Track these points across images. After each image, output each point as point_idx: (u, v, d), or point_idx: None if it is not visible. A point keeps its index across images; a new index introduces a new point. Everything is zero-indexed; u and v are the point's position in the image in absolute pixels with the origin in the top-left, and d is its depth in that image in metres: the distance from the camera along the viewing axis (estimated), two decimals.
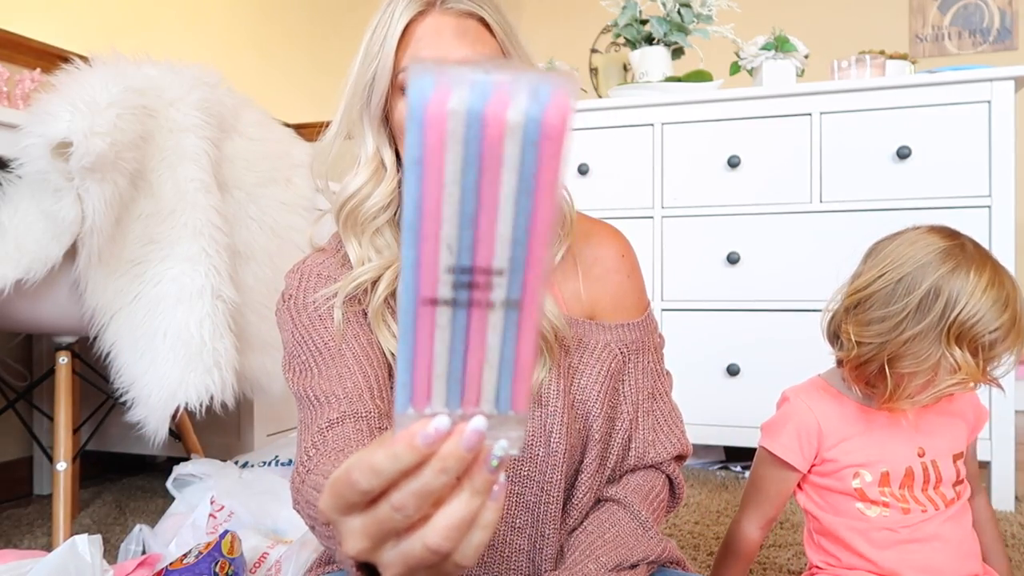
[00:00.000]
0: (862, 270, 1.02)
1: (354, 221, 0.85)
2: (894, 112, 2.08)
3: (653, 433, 0.94)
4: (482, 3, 0.81)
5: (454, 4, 0.80)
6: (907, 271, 0.96)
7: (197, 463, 1.78)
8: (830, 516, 1.05)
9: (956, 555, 1.02)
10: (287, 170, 1.95)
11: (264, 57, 4.14)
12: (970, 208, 2.01)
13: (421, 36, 0.79)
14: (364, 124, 0.84)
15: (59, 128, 1.39)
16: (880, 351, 0.96)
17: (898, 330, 0.95)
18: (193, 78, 1.66)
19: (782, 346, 2.14)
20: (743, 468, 2.34)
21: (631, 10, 2.45)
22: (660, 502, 0.95)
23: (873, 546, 1.01)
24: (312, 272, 0.88)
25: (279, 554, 1.42)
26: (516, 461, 0.89)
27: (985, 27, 3.59)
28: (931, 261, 0.95)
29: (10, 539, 1.80)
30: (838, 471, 1.03)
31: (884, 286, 0.97)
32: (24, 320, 1.64)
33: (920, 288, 0.94)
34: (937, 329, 0.93)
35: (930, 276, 0.94)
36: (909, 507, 1.01)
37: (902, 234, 1.02)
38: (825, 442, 1.04)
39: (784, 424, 1.06)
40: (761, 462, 1.09)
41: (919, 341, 0.94)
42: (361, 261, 0.84)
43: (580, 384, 0.91)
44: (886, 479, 1.01)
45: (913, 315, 0.94)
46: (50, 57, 2.13)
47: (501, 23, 0.82)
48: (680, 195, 2.24)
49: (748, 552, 1.10)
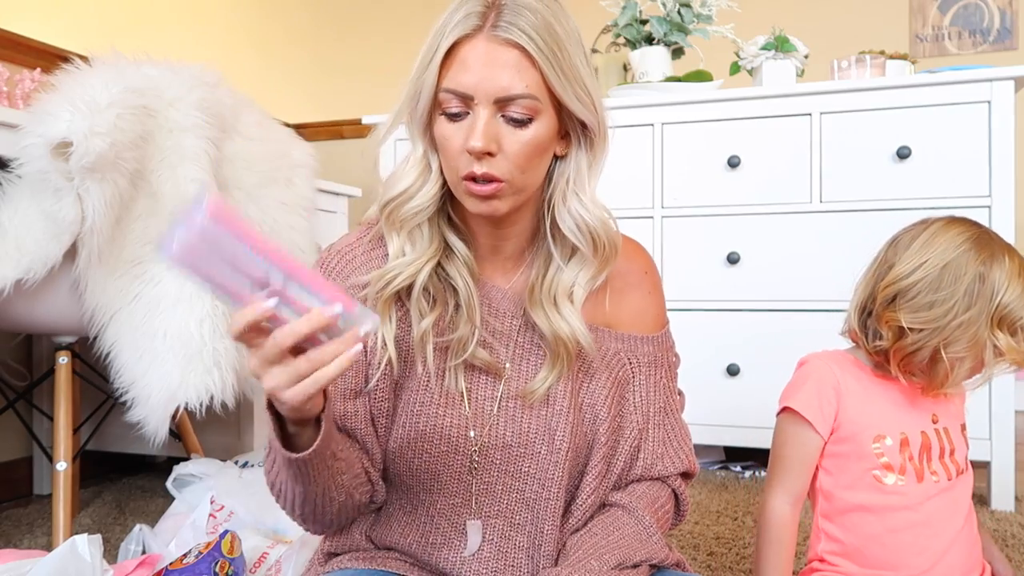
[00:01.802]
0: (893, 261, 1.04)
1: (397, 218, 0.88)
2: (894, 112, 2.08)
3: (663, 447, 0.95)
4: (532, 32, 0.80)
5: (501, 32, 0.80)
6: (950, 258, 0.99)
7: (197, 463, 1.78)
8: (845, 492, 1.04)
9: (964, 545, 1.03)
10: (287, 170, 1.95)
11: (265, 57, 4.14)
12: (970, 208, 2.00)
13: (464, 58, 0.81)
14: (413, 129, 0.87)
15: (59, 128, 1.39)
16: (932, 337, 0.99)
17: (951, 315, 0.98)
18: (193, 78, 1.66)
19: (782, 346, 2.14)
20: (743, 468, 2.34)
21: (631, 10, 2.45)
22: (665, 513, 0.96)
23: (886, 527, 1.01)
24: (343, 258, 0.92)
25: (279, 554, 1.42)
26: (518, 457, 0.90)
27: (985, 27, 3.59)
28: (969, 247, 0.99)
29: (10, 539, 1.80)
30: (858, 433, 1.04)
31: (928, 273, 1.00)
32: (24, 320, 1.64)
33: (967, 274, 0.98)
34: (985, 314, 0.97)
35: (973, 262, 0.98)
36: (923, 475, 1.03)
37: (928, 225, 1.04)
38: (844, 400, 1.05)
39: (804, 382, 1.07)
40: (781, 428, 1.08)
41: (971, 325, 0.97)
42: (397, 254, 0.88)
43: (589, 388, 0.93)
44: (906, 443, 1.03)
45: (962, 299, 0.98)
46: (50, 57, 2.13)
47: (551, 55, 0.80)
48: (680, 195, 2.24)
49: (783, 533, 1.06)
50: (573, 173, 0.89)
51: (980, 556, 1.07)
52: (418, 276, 0.87)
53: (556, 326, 0.88)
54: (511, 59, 0.80)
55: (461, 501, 0.91)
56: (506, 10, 0.80)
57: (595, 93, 0.87)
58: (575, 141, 0.88)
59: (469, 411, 0.90)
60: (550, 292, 0.89)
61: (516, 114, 0.81)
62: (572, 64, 0.83)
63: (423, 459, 0.90)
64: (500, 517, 0.91)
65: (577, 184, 0.89)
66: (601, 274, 0.91)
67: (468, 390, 0.91)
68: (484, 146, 0.80)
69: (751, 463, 2.36)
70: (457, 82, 0.80)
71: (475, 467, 0.90)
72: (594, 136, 0.88)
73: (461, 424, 0.90)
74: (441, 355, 0.89)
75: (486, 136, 0.80)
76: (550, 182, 0.90)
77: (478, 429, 0.90)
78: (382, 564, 0.93)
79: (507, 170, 0.82)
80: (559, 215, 0.89)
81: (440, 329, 0.89)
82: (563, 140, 0.88)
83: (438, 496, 0.91)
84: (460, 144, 0.81)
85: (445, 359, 0.89)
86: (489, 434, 0.90)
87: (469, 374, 0.91)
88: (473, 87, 0.80)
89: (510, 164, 0.82)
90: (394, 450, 0.91)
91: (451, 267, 0.90)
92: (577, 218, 0.88)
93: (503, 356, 0.91)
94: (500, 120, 0.81)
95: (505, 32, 0.80)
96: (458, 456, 0.90)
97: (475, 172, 0.81)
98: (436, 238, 0.89)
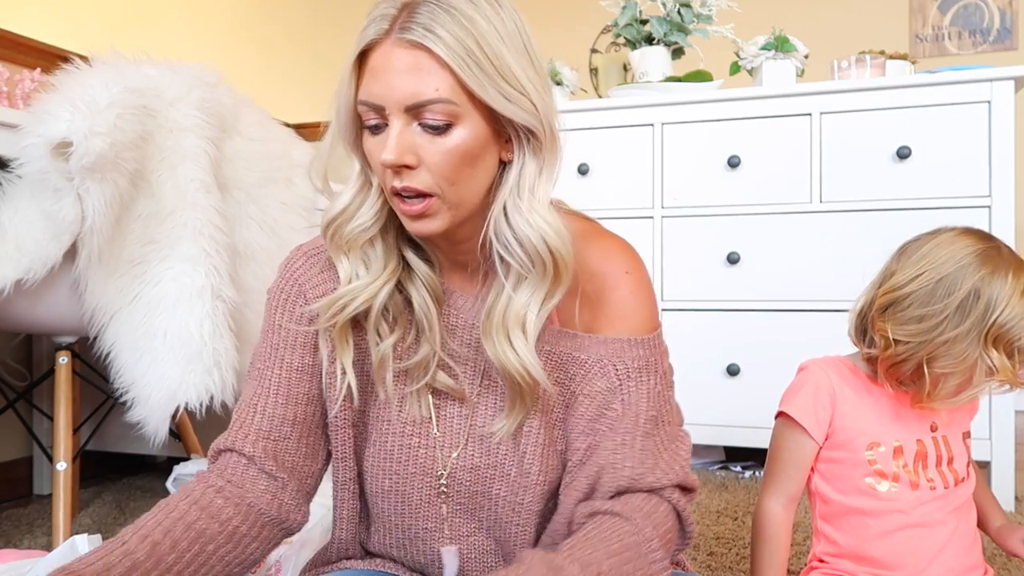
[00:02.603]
0: (895, 269, 1.03)
1: (341, 239, 0.82)
2: (894, 112, 2.08)
3: (653, 458, 0.82)
4: (438, 32, 0.72)
5: (406, 34, 0.72)
6: (946, 272, 0.97)
7: (197, 463, 1.78)
8: (840, 496, 1.05)
9: (961, 543, 1.04)
10: (287, 170, 1.95)
11: (265, 56, 4.14)
12: (970, 208, 2.01)
13: (373, 67, 0.74)
14: (345, 145, 0.81)
15: (59, 128, 1.39)
16: (918, 350, 0.97)
17: (937, 330, 0.96)
18: (193, 78, 1.66)
19: (782, 346, 2.14)
20: (743, 468, 2.34)
21: (631, 10, 2.45)
22: (667, 531, 0.81)
23: (881, 529, 1.02)
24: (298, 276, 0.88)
25: (279, 554, 1.42)
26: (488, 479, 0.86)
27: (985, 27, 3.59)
28: (970, 263, 0.97)
29: (10, 539, 1.80)
30: (851, 441, 1.04)
31: (922, 286, 0.98)
32: (24, 320, 1.64)
33: (961, 289, 0.96)
34: (976, 331, 0.95)
35: (970, 278, 0.96)
36: (919, 482, 1.02)
37: (936, 235, 1.02)
38: (839, 407, 1.05)
39: (800, 388, 1.07)
40: (778, 431, 1.09)
41: (959, 342, 0.95)
42: (349, 278, 0.83)
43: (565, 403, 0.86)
44: (899, 452, 1.03)
45: (953, 316, 0.95)
46: (50, 57, 2.13)
47: (461, 54, 0.72)
48: (680, 195, 2.24)
49: (777, 532, 1.06)
50: (515, 181, 0.79)
51: (980, 557, 1.07)
52: (375, 299, 0.82)
53: (504, 359, 0.79)
54: (420, 62, 0.72)
55: (434, 525, 0.89)
56: (417, 9, 0.73)
57: (535, 92, 0.77)
58: (519, 146, 0.79)
59: (438, 432, 0.88)
60: (503, 321, 0.80)
61: (432, 121, 0.73)
62: (500, 62, 0.74)
63: (393, 480, 0.88)
64: (475, 537, 0.90)
65: (525, 191, 0.78)
66: (555, 295, 0.81)
67: (437, 410, 0.88)
68: (396, 159, 0.73)
69: (751, 463, 2.36)
70: (368, 93, 0.75)
71: (444, 490, 0.88)
72: (541, 139, 0.78)
73: (429, 445, 0.87)
74: (403, 379, 0.86)
75: (399, 148, 0.73)
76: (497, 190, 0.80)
77: (446, 450, 0.87)
78: (381, 565, 0.93)
79: (432, 183, 0.75)
80: (497, 232, 0.79)
81: (400, 352, 0.86)
82: (507, 145, 0.79)
83: (412, 520, 0.89)
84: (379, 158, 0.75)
85: (406, 383, 0.86)
86: (458, 456, 0.87)
87: (437, 396, 0.88)
88: (382, 96, 0.74)
89: (435, 176, 0.75)
90: (367, 471, 0.90)
91: (411, 286, 0.85)
92: (519, 234, 0.78)
93: (464, 381, 0.87)
94: (417, 129, 0.74)
95: (409, 34, 0.72)
96: (427, 478, 0.88)
97: (396, 187, 0.75)
98: (393, 257, 0.84)
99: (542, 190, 0.79)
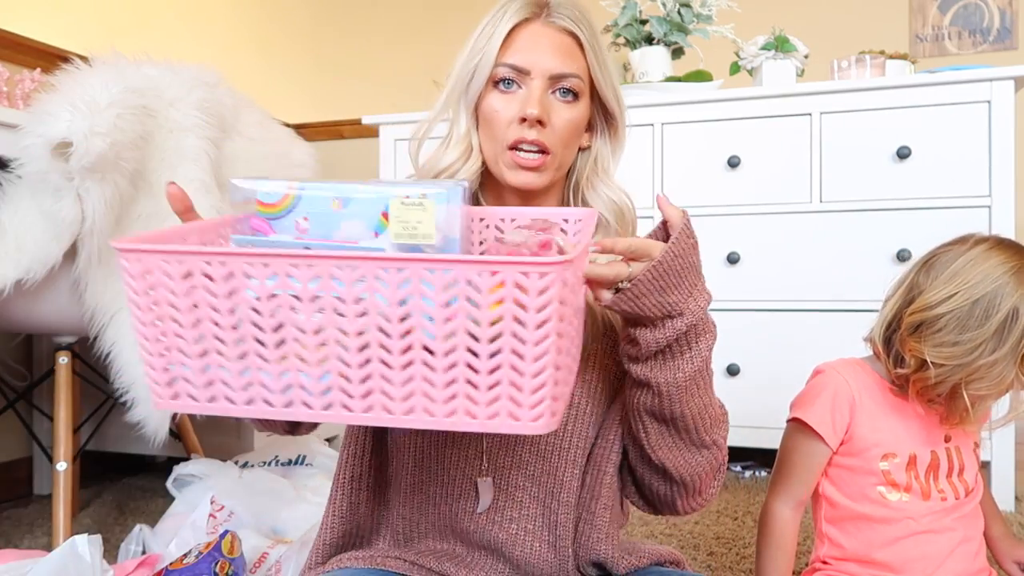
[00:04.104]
0: (924, 286, 0.99)
1: None
2: (894, 112, 2.08)
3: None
4: (580, 24, 0.90)
5: (556, 19, 0.90)
6: (982, 292, 0.94)
7: (197, 463, 1.78)
8: (849, 502, 1.04)
9: (968, 549, 1.03)
10: (287, 170, 1.95)
11: (265, 57, 4.14)
12: (970, 208, 2.00)
13: (523, 39, 0.89)
14: (461, 108, 0.94)
15: (59, 128, 1.39)
16: (954, 373, 0.94)
17: (975, 353, 0.93)
18: (193, 78, 1.66)
19: (782, 346, 2.14)
20: (743, 468, 2.34)
21: (631, 10, 2.45)
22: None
23: (890, 536, 1.01)
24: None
25: (279, 554, 1.42)
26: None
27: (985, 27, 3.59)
28: (1008, 281, 0.93)
29: (10, 539, 1.80)
30: (866, 450, 1.02)
31: (957, 307, 0.95)
32: (24, 320, 1.64)
33: (1000, 312, 0.92)
34: (1014, 352, 0.92)
35: (1008, 299, 0.93)
36: (930, 493, 1.01)
37: (967, 249, 0.99)
38: (857, 415, 1.02)
39: (818, 394, 1.04)
40: (790, 435, 1.07)
41: (997, 365, 0.93)
42: None
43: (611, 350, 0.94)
44: (913, 463, 1.01)
45: (991, 339, 0.93)
46: (50, 57, 2.13)
47: (594, 45, 0.91)
48: (680, 195, 2.24)
49: (784, 535, 1.06)
50: (600, 159, 0.97)
51: (986, 561, 1.06)
52: None
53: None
54: (566, 43, 0.90)
55: (474, 454, 0.91)
56: (558, 5, 0.91)
57: (619, 88, 0.96)
58: (599, 132, 0.97)
59: None
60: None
61: (566, 91, 0.90)
62: (606, 58, 0.93)
63: None
64: (515, 469, 0.92)
65: (603, 169, 0.97)
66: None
67: None
68: (540, 113, 0.87)
69: (751, 463, 2.36)
70: (517, 57, 0.89)
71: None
72: (617, 126, 0.97)
73: None
74: None
75: (542, 105, 0.88)
76: (573, 171, 0.97)
77: None
78: (381, 564, 0.93)
79: (553, 142, 0.89)
80: (590, 197, 0.96)
81: None
82: (588, 132, 0.96)
83: (452, 449, 0.92)
84: (512, 114, 0.89)
85: None
86: None
87: None
88: (531, 63, 0.88)
89: (556, 137, 0.89)
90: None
91: None
92: (606, 198, 0.96)
93: None
94: (550, 96, 0.90)
95: (561, 20, 0.90)
96: None
97: (526, 137, 0.88)
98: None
99: (613, 169, 0.98)
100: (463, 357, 0.62)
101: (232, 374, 0.65)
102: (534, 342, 0.61)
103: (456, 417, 0.63)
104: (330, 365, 0.63)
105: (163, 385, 0.66)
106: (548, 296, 0.60)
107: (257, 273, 0.62)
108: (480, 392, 0.63)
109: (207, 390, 0.66)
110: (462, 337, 0.62)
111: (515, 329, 0.61)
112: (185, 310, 0.64)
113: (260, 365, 0.64)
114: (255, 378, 0.65)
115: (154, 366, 0.66)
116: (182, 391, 0.66)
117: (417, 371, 0.63)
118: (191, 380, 0.66)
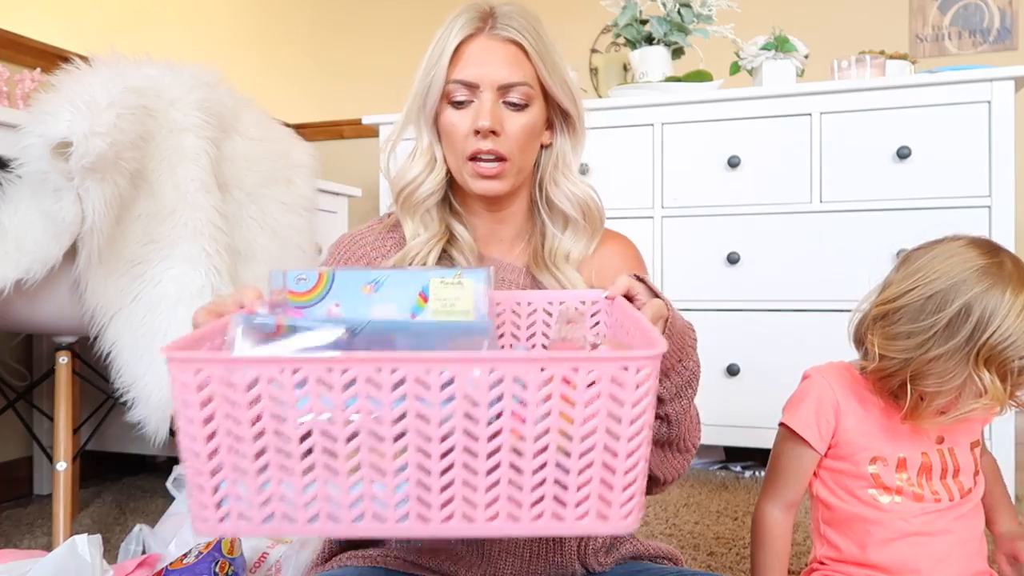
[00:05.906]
0: (893, 279, 0.99)
1: (411, 203, 1.00)
2: (894, 112, 2.08)
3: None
4: (524, 32, 0.95)
5: (500, 31, 0.95)
6: (939, 288, 0.93)
7: None
8: (842, 503, 1.04)
9: (965, 551, 1.02)
10: (287, 170, 1.95)
11: (265, 57, 4.14)
12: (970, 208, 2.01)
13: (470, 54, 0.94)
14: (421, 123, 0.99)
15: (59, 128, 1.38)
16: (903, 367, 0.94)
17: (923, 348, 0.92)
18: (193, 78, 1.66)
19: (782, 346, 2.14)
20: (743, 468, 2.34)
21: (631, 10, 2.45)
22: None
23: (883, 537, 1.01)
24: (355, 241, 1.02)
25: (279, 554, 1.42)
26: None
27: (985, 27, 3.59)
28: (967, 279, 0.92)
29: (10, 539, 1.80)
30: (854, 454, 1.02)
31: (913, 301, 0.94)
32: (24, 320, 1.64)
33: (951, 306, 0.91)
34: (965, 350, 0.91)
35: (963, 295, 0.91)
36: (923, 495, 1.01)
37: (939, 245, 0.98)
38: (843, 421, 1.02)
39: (803, 399, 1.05)
40: (780, 440, 1.08)
41: (944, 361, 0.92)
42: (414, 235, 1.00)
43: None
44: (903, 465, 1.01)
45: (941, 334, 0.91)
46: (50, 57, 2.13)
47: (540, 51, 0.95)
48: (680, 195, 2.24)
49: (776, 536, 1.06)
50: (560, 156, 1.02)
51: (985, 562, 1.06)
52: (429, 255, 0.98)
53: (563, 284, 0.98)
54: (510, 53, 0.95)
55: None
56: (502, 16, 0.95)
57: (573, 87, 1.01)
58: (558, 129, 1.02)
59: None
60: (552, 256, 1.00)
61: (515, 99, 0.94)
62: (555, 62, 0.97)
63: None
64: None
65: (564, 165, 1.02)
66: (592, 240, 1.03)
67: None
68: (491, 124, 0.92)
69: (751, 463, 2.36)
70: (465, 73, 0.94)
71: None
72: (575, 122, 1.01)
73: None
74: None
75: (492, 116, 0.93)
76: (538, 168, 1.03)
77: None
78: (383, 563, 0.93)
79: (509, 149, 0.94)
80: (553, 193, 1.02)
81: None
82: (548, 130, 1.02)
83: None
84: (467, 127, 0.94)
85: None
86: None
87: None
88: (479, 76, 0.93)
89: (511, 144, 0.94)
90: None
91: (454, 250, 1.00)
92: (569, 193, 1.02)
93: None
94: (501, 105, 0.94)
95: (504, 31, 0.94)
96: None
97: (482, 148, 0.93)
98: (442, 222, 1.00)
99: (575, 164, 1.03)
100: (554, 457, 0.58)
101: (295, 490, 0.59)
102: (627, 438, 0.58)
103: (543, 521, 0.59)
104: (408, 473, 0.58)
105: (211, 508, 0.59)
106: (644, 389, 0.57)
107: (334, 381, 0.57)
108: (569, 493, 0.59)
109: (263, 509, 0.59)
110: (554, 436, 0.58)
111: (609, 425, 0.58)
112: (247, 423, 0.58)
113: (328, 478, 0.59)
114: (321, 492, 0.59)
115: (203, 487, 0.59)
116: (233, 511, 0.60)
117: (504, 475, 0.59)
118: (244, 497, 0.59)
